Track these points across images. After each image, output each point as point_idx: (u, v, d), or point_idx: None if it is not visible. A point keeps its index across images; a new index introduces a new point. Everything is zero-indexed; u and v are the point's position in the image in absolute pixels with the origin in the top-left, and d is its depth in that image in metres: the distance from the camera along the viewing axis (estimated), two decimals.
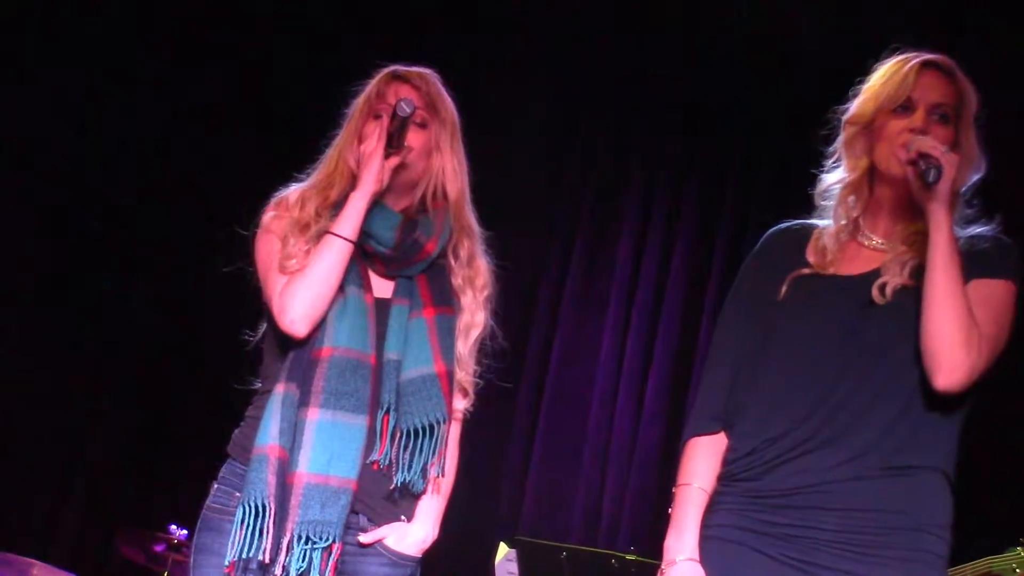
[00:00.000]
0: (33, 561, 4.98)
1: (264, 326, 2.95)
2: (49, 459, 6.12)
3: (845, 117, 2.76)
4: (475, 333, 2.97)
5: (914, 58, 2.69)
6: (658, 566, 2.67)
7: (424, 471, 2.85)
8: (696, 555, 2.61)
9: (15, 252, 5.95)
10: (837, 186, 2.77)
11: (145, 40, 6.21)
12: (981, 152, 2.69)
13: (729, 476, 2.66)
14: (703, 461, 2.70)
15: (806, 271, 2.71)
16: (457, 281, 2.98)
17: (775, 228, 2.87)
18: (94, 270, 6.22)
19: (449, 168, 2.96)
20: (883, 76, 2.71)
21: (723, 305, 2.87)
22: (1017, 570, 3.82)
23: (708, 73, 6.02)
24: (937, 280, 2.52)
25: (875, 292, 2.60)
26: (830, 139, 2.81)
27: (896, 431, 2.55)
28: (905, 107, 2.66)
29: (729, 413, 2.70)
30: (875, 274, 2.65)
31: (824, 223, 2.79)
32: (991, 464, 4.64)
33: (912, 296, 2.58)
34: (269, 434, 2.76)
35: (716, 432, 2.71)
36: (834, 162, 2.80)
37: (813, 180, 2.85)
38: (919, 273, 2.59)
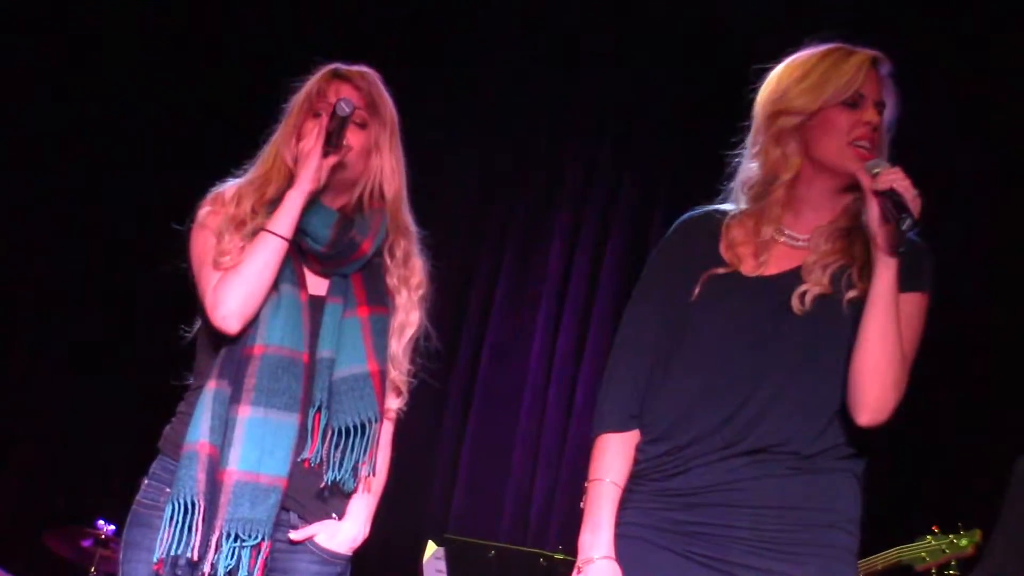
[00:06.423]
0: None
1: (198, 322, 2.94)
2: None
3: (778, 107, 2.66)
4: (409, 332, 2.97)
5: (859, 51, 2.64)
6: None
7: (355, 470, 2.85)
8: (612, 552, 2.59)
9: None
10: (759, 175, 2.68)
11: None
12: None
13: (640, 475, 2.64)
14: (616, 456, 2.65)
15: (720, 270, 2.66)
16: (392, 280, 2.97)
17: (685, 217, 2.79)
18: (27, 261, 6.16)
19: (387, 168, 2.94)
20: (824, 66, 2.63)
21: (633, 296, 2.78)
22: (927, 558, 3.93)
23: (641, 74, 6.04)
24: (876, 324, 2.50)
25: (795, 302, 2.57)
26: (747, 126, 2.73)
27: (816, 440, 2.54)
28: (854, 101, 2.61)
29: (642, 412, 2.67)
30: (793, 274, 2.62)
31: (734, 208, 2.73)
32: (909, 457, 4.71)
33: (832, 305, 2.57)
34: (200, 431, 2.76)
35: (631, 431, 2.67)
36: (757, 152, 2.70)
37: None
38: (838, 279, 2.58)
